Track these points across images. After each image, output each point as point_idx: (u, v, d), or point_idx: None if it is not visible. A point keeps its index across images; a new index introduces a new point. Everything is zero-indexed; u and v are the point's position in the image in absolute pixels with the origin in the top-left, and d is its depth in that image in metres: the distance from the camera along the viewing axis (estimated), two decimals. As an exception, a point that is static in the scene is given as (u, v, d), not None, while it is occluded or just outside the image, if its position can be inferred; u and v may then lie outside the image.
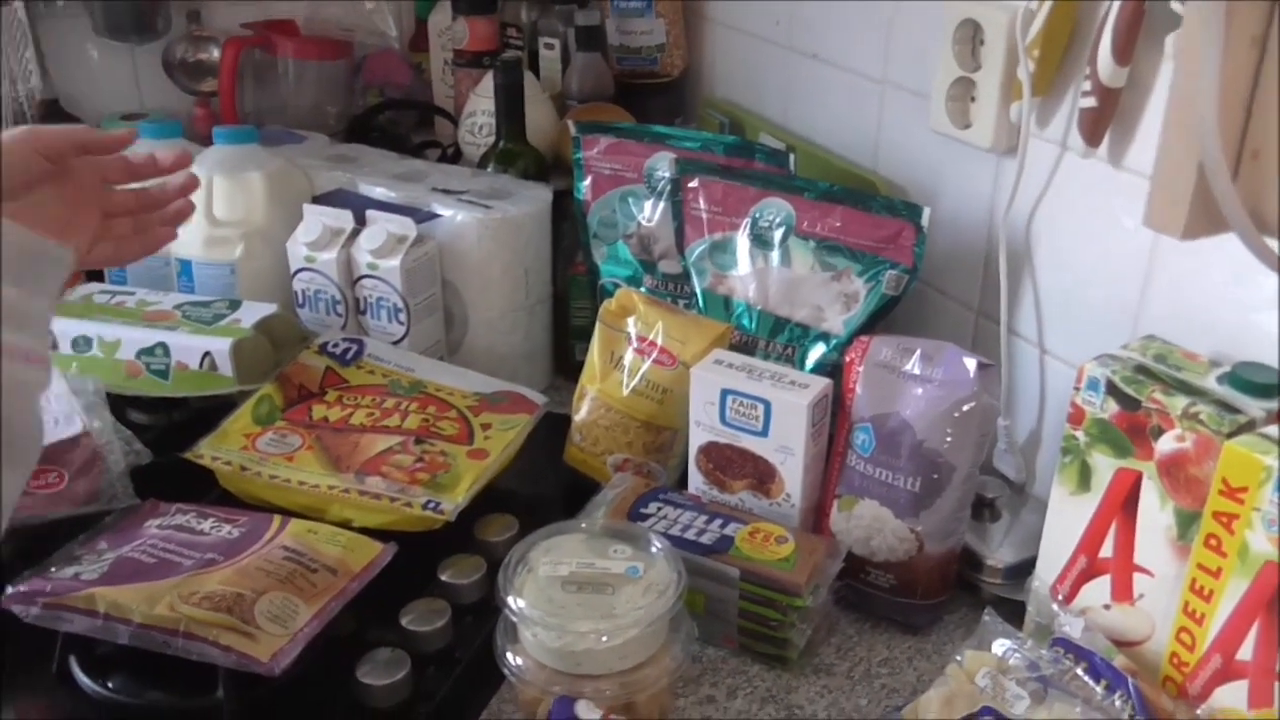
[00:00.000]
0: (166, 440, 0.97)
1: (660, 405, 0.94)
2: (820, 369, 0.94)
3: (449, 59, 1.47)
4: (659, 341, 0.95)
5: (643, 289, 1.09)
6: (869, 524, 0.85)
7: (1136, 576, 0.73)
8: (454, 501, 0.88)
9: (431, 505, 0.87)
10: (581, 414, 0.98)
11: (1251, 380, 0.68)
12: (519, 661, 0.73)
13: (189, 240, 1.08)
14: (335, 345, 1.04)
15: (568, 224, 1.16)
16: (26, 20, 1.34)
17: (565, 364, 1.17)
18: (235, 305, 1.08)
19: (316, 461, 0.92)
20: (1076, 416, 0.74)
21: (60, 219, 0.73)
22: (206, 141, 1.18)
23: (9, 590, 0.76)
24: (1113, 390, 0.71)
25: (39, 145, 0.73)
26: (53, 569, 0.79)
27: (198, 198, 0.90)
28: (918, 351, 0.83)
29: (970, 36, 0.90)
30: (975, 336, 0.99)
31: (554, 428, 1.02)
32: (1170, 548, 0.70)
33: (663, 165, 1.08)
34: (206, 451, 0.92)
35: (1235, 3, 0.60)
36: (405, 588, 0.83)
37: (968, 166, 0.96)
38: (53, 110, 1.39)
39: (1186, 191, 0.63)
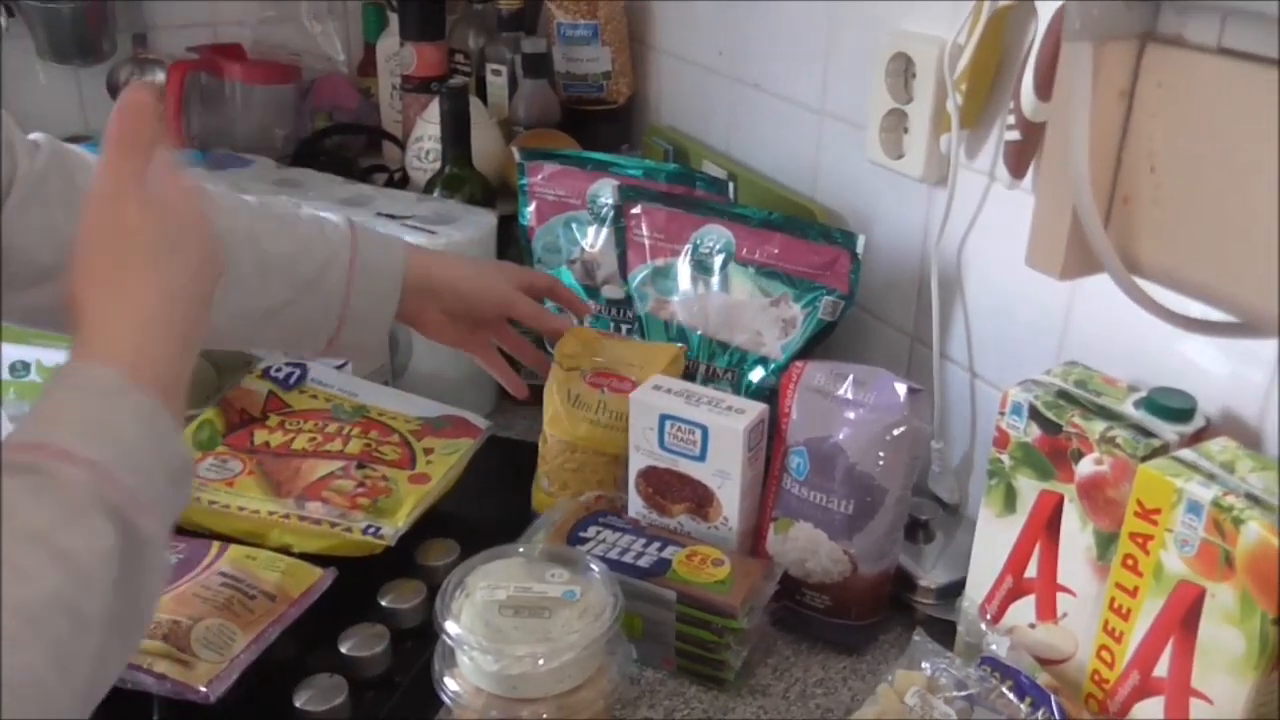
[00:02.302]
0: (105, 466, 0.96)
1: (625, 433, 0.92)
2: (760, 393, 0.96)
3: (397, 84, 1.48)
4: (614, 370, 0.95)
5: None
6: (804, 546, 0.86)
7: (1060, 596, 0.75)
8: (395, 526, 0.88)
9: (372, 530, 0.88)
10: (547, 461, 0.96)
11: (1166, 405, 0.70)
12: (456, 686, 0.74)
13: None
14: (278, 370, 1.04)
15: (512, 249, 1.17)
16: (-30, 41, 1.34)
17: (510, 388, 1.18)
18: (177, 330, 1.07)
19: (257, 487, 0.91)
20: (1001, 440, 0.76)
21: None
22: (150, 166, 1.18)
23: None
24: (1035, 415, 0.73)
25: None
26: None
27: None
28: (850, 377, 0.85)
29: (903, 69, 0.93)
30: (910, 361, 1.01)
31: (497, 452, 1.03)
32: (1091, 568, 0.72)
33: (606, 192, 1.10)
34: (145, 477, 0.91)
35: (1102, 59, 0.64)
36: (345, 613, 0.83)
37: (901, 195, 0.98)
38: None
39: (1063, 234, 0.65)
